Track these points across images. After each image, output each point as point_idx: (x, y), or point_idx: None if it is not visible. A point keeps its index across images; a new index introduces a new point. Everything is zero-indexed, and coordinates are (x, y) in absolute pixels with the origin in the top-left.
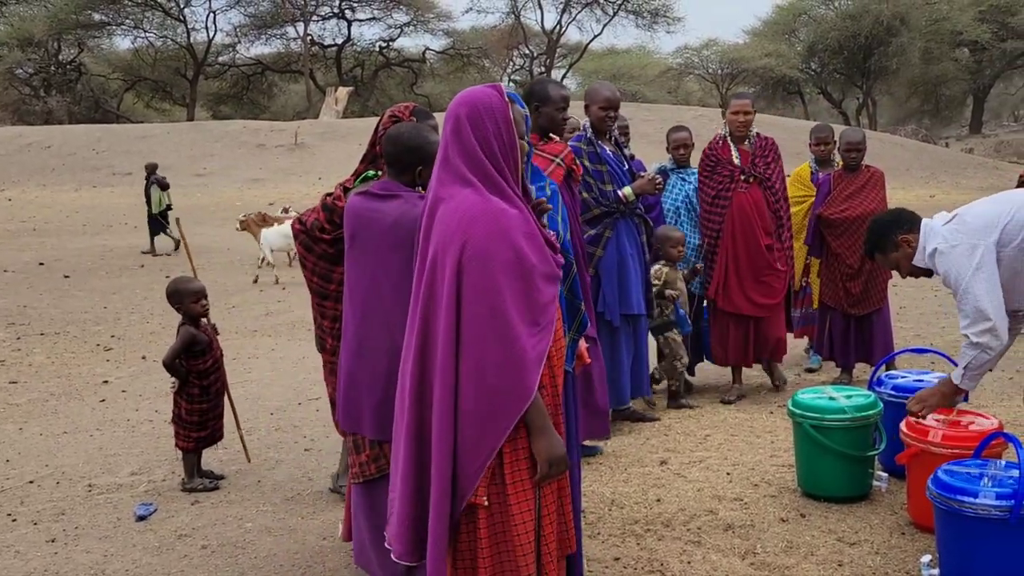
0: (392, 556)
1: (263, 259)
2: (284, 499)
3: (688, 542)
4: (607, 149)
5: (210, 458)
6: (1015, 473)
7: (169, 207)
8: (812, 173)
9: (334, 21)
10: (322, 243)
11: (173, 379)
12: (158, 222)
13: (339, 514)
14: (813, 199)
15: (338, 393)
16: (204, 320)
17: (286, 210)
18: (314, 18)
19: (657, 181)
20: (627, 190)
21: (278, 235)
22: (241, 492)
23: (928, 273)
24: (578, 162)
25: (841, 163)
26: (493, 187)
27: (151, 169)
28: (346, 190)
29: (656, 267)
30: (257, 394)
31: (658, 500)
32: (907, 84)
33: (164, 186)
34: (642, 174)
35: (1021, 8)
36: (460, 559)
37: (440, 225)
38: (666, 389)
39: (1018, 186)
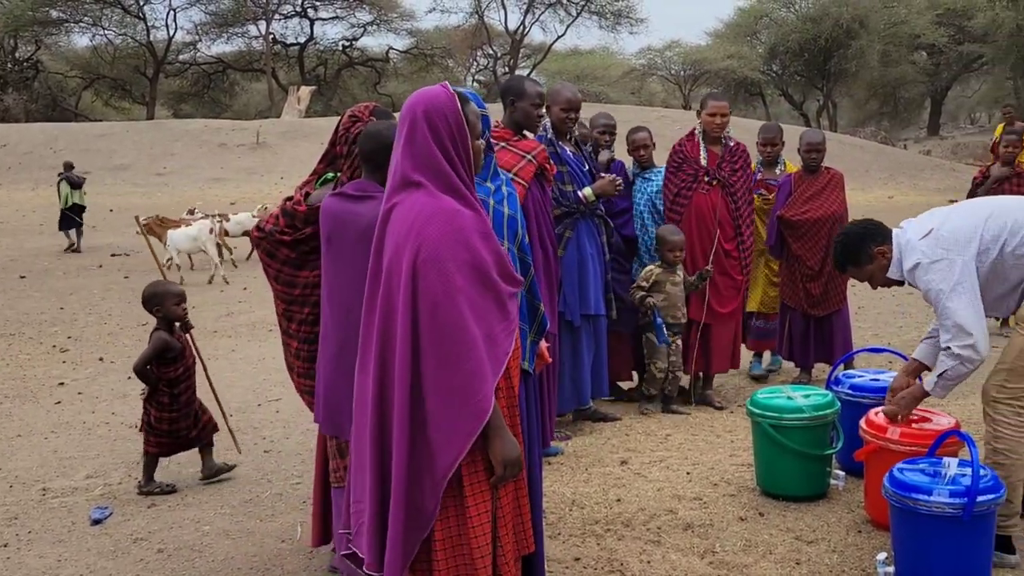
0: (364, 568)
1: (169, 260)
2: (242, 502)
3: (648, 541)
4: (567, 150)
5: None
6: (969, 471)
7: (81, 206)
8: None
9: (296, 20)
10: (284, 248)
11: (144, 386)
12: (68, 218)
13: (298, 516)
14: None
15: (317, 396)
16: (178, 327)
17: (192, 211)
18: (276, 16)
19: (617, 182)
20: (587, 191)
21: (184, 237)
22: (198, 495)
23: (900, 283)
24: (552, 160)
25: (788, 165)
26: (448, 187)
27: (67, 167)
28: (307, 195)
29: (648, 268)
30: None
31: (618, 500)
32: (866, 86)
33: (75, 184)
34: (602, 175)
35: (977, 12)
36: (417, 562)
37: (393, 229)
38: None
39: (973, 187)
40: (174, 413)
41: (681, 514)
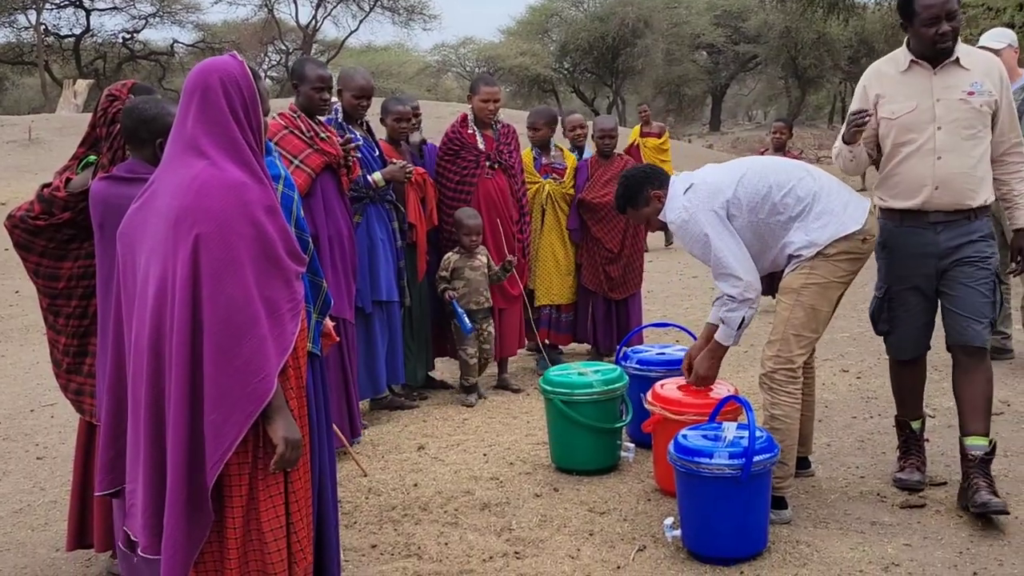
0: (138, 551)
1: None
2: (12, 512)
3: (445, 524)
4: (357, 135)
5: None
6: (747, 434)
7: None
8: (535, 159)
9: (71, 10)
10: (40, 239)
11: None
12: None
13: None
14: (538, 185)
15: (99, 392)
16: None
17: None
18: (48, 6)
19: (408, 169)
20: (376, 176)
21: None
22: None
23: None
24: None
25: (565, 152)
26: (238, 157)
27: None
28: (68, 181)
29: (447, 255)
30: None
31: (415, 485)
32: (653, 84)
33: None
34: (393, 160)
35: (751, 14)
36: (207, 548)
37: (171, 200)
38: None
39: None
40: None
41: (478, 495)
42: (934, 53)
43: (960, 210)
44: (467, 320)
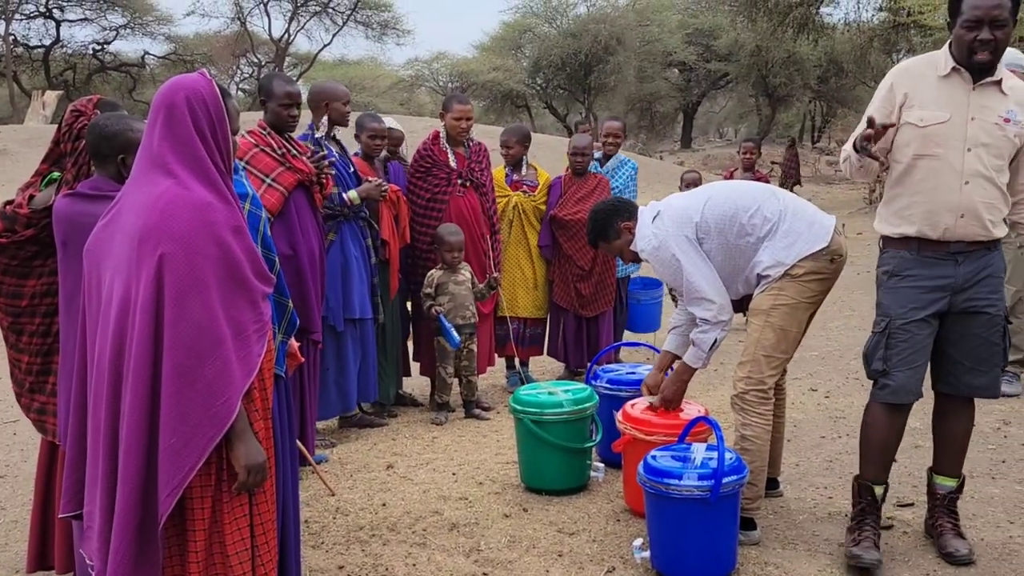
0: (93, 573)
1: None
2: None
3: (414, 544)
4: (333, 151)
5: None
6: (716, 455)
7: None
8: (507, 176)
9: (41, 21)
10: (3, 255)
11: None
12: None
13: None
14: (507, 198)
15: (60, 410)
16: None
17: None
18: (17, 16)
19: (384, 187)
20: (352, 193)
21: None
22: None
23: None
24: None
25: (539, 170)
26: (204, 177)
27: None
28: (31, 198)
29: (430, 272)
30: None
31: (384, 504)
32: (625, 101)
33: None
34: (369, 179)
35: (723, 33)
36: (170, 572)
37: (135, 219)
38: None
39: None
40: None
41: (447, 515)
42: (968, 61)
43: (981, 241)
44: (455, 334)
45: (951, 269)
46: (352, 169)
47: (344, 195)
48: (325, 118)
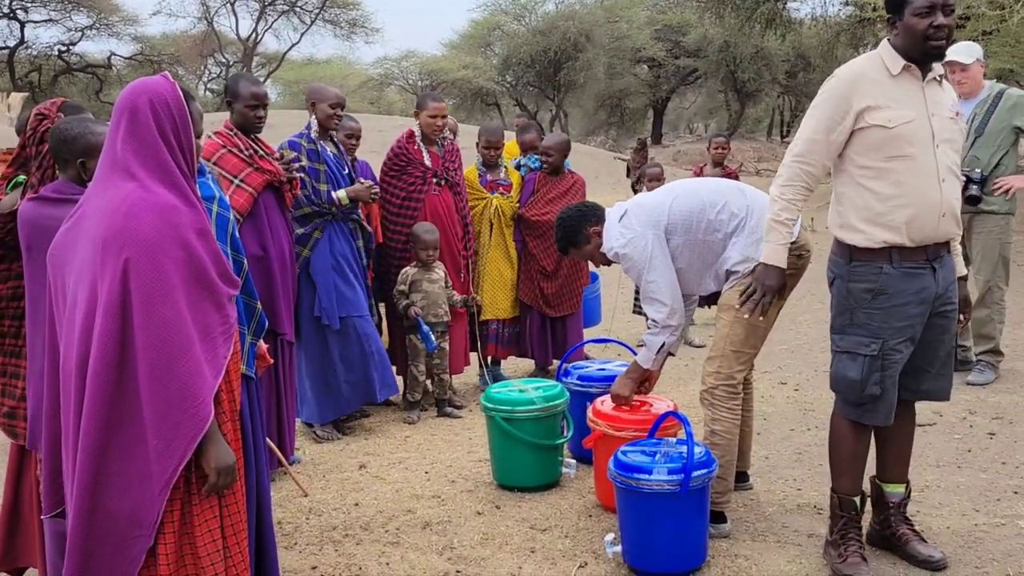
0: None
1: None
2: None
3: (387, 543)
4: (328, 149)
5: None
6: (685, 449)
7: None
8: (480, 176)
9: (4, 22)
10: None
11: None
12: None
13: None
14: (485, 201)
15: (29, 414)
16: None
17: None
18: None
19: (373, 189)
20: (341, 193)
21: None
22: None
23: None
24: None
25: (510, 169)
26: (168, 180)
27: None
28: None
29: (404, 270)
30: None
31: (356, 504)
32: (595, 97)
33: None
34: (361, 180)
35: (691, 28)
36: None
37: (100, 224)
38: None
39: None
40: None
41: (419, 513)
42: (924, 51)
43: (945, 243)
44: (433, 338)
45: (930, 279)
46: (347, 170)
47: (333, 194)
48: (313, 117)
